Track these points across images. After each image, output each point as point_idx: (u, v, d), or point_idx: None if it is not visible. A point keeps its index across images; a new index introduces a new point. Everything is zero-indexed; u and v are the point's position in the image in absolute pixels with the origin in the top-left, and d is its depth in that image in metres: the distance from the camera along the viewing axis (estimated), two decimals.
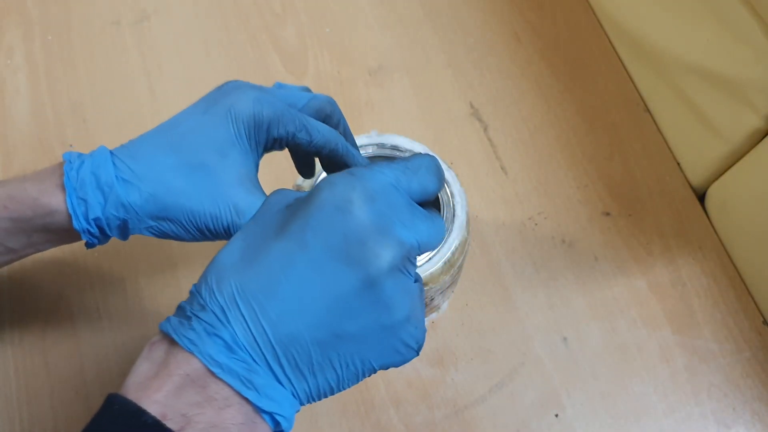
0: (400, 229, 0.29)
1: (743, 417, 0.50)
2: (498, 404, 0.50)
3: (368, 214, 0.28)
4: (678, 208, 0.58)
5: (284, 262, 0.28)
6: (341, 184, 0.29)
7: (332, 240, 0.28)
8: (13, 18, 0.67)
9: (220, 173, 0.37)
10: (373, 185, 0.29)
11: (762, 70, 0.49)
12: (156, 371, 0.29)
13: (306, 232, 0.28)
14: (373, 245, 0.28)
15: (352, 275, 0.28)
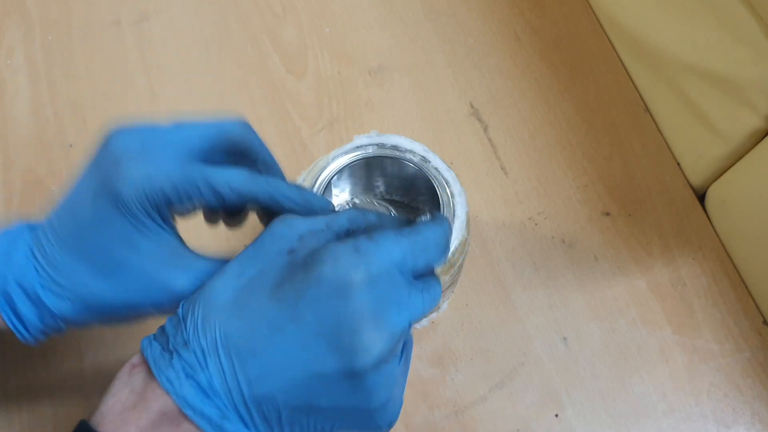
0: (396, 314, 0.28)
1: (743, 417, 0.50)
2: (498, 404, 0.50)
3: (366, 301, 0.27)
4: (678, 208, 0.58)
5: (273, 327, 0.28)
6: (345, 262, 0.28)
7: (325, 321, 0.27)
8: (14, 18, 0.67)
9: (141, 266, 0.33)
10: (377, 268, 0.28)
11: (762, 70, 0.49)
12: (134, 402, 0.29)
13: (300, 305, 0.28)
14: (365, 338, 0.27)
15: (336, 362, 0.27)
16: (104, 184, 0.33)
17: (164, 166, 0.33)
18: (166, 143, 0.34)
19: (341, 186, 0.53)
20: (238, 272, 0.30)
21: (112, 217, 0.33)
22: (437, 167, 0.47)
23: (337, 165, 0.47)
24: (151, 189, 0.32)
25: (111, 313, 0.34)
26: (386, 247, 0.29)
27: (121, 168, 0.33)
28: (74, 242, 0.33)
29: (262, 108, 0.62)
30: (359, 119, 0.62)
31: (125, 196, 0.32)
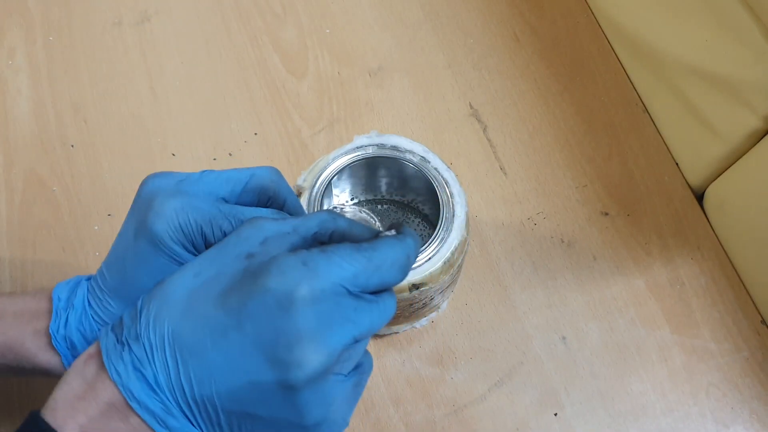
0: (338, 331, 0.28)
1: (741, 416, 0.50)
2: (497, 403, 0.51)
3: (306, 317, 0.27)
4: (676, 208, 0.58)
5: (217, 332, 0.28)
6: (290, 276, 0.27)
7: (264, 333, 0.27)
8: (15, 19, 0.67)
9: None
10: (322, 284, 0.28)
11: (761, 71, 0.49)
12: (84, 392, 0.29)
13: (243, 314, 0.28)
14: (300, 353, 0.27)
15: (271, 374, 0.27)
16: (140, 223, 0.34)
17: (197, 202, 0.34)
18: (199, 185, 0.35)
19: (341, 186, 0.53)
20: (196, 271, 0.30)
21: (151, 254, 0.33)
22: (437, 167, 0.47)
23: (337, 165, 0.47)
24: (185, 221, 0.33)
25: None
26: (337, 263, 0.28)
27: (155, 204, 0.34)
28: (120, 287, 0.35)
29: (263, 108, 0.63)
30: (359, 119, 0.62)
31: (160, 230, 0.33)
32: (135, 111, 0.63)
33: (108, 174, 0.59)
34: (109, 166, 0.60)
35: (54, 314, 0.36)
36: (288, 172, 0.60)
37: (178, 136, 0.61)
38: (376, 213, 0.56)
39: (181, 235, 0.33)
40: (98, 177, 0.59)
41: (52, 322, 0.36)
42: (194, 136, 0.61)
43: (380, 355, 0.52)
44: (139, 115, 0.62)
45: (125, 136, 0.61)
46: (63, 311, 0.36)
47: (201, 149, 0.61)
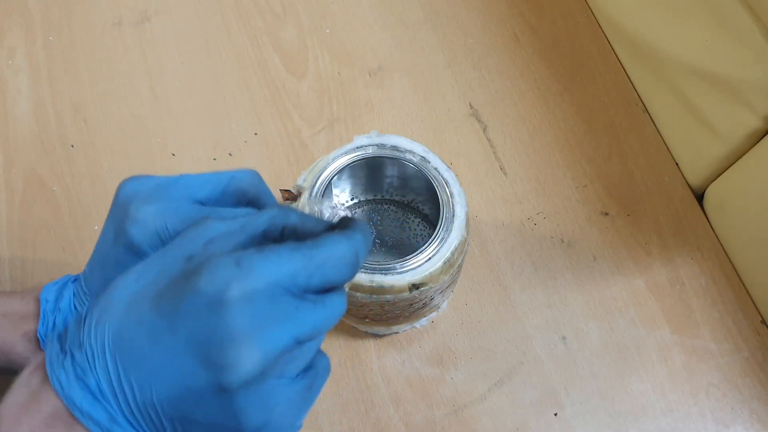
0: (275, 332, 0.27)
1: (741, 416, 0.50)
2: (497, 403, 0.51)
3: (237, 319, 0.26)
4: (676, 208, 0.58)
5: (152, 337, 0.27)
6: (221, 277, 0.26)
7: (196, 335, 0.26)
8: (15, 19, 0.67)
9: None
10: (255, 283, 0.26)
11: (761, 71, 0.49)
12: (28, 402, 0.29)
13: (175, 316, 0.27)
14: (232, 355, 0.26)
15: (205, 377, 0.26)
16: (118, 229, 0.34)
17: (173, 206, 0.33)
18: (176, 188, 0.34)
19: (341, 186, 0.53)
20: (138, 275, 0.29)
21: (129, 260, 0.33)
22: (437, 167, 0.47)
23: (337, 165, 0.47)
24: (162, 226, 0.33)
25: None
26: (274, 261, 0.27)
27: (131, 210, 0.33)
28: (101, 291, 0.34)
29: (263, 108, 0.63)
30: (359, 119, 0.62)
31: (136, 236, 0.33)
32: (135, 111, 0.63)
33: (108, 174, 0.59)
34: (109, 166, 0.60)
35: (42, 317, 0.36)
36: (288, 172, 0.60)
37: (178, 136, 0.61)
38: (377, 213, 0.56)
39: (157, 241, 0.33)
40: (98, 177, 0.59)
41: (40, 326, 0.35)
42: (194, 136, 0.61)
43: (380, 355, 0.52)
44: (139, 115, 0.62)
45: (125, 136, 0.61)
46: (50, 314, 0.36)
47: (201, 149, 0.61)
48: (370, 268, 0.44)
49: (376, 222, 0.56)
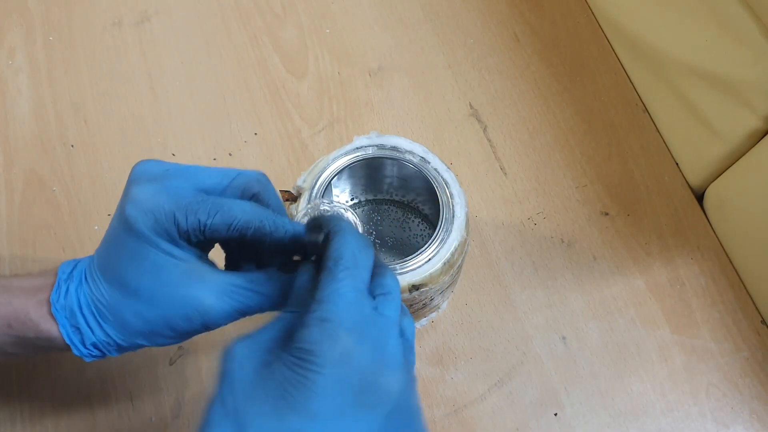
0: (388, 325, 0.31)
1: (741, 416, 0.51)
2: (497, 403, 0.51)
3: (366, 351, 0.30)
4: (676, 208, 0.58)
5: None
6: (329, 339, 0.29)
7: (345, 398, 0.29)
8: (15, 19, 0.67)
9: (160, 285, 0.34)
10: (355, 317, 0.30)
11: (761, 71, 0.49)
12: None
13: (312, 402, 0.29)
14: (382, 381, 0.30)
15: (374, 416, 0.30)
16: (119, 207, 0.35)
17: (174, 190, 0.34)
18: (185, 175, 0.35)
19: (341, 186, 0.53)
20: (223, 412, 0.30)
21: (127, 240, 0.34)
22: (437, 168, 0.47)
23: (337, 166, 0.47)
24: (158, 207, 0.34)
25: (150, 334, 0.35)
26: (336, 291, 0.31)
27: (132, 191, 0.34)
28: (108, 271, 0.36)
29: (263, 108, 0.63)
30: (359, 120, 0.62)
31: (132, 215, 0.34)
32: (135, 111, 0.63)
33: (108, 174, 0.60)
34: (109, 166, 0.60)
35: (56, 285, 0.37)
36: (288, 172, 0.60)
37: (178, 136, 0.61)
38: (377, 213, 0.56)
39: (153, 221, 0.34)
40: (98, 177, 0.59)
41: (53, 292, 0.36)
42: (194, 136, 0.61)
43: None
44: (139, 115, 0.62)
45: (125, 136, 0.61)
46: (64, 282, 0.37)
47: (201, 149, 0.61)
48: None
49: (376, 222, 0.56)
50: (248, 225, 0.34)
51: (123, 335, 0.36)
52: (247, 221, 0.34)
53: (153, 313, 0.35)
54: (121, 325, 0.35)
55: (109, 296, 0.35)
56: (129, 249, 0.34)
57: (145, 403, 0.50)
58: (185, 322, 0.35)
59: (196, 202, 0.34)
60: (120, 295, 0.35)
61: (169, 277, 0.34)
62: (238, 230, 0.34)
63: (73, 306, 0.36)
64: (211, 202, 0.34)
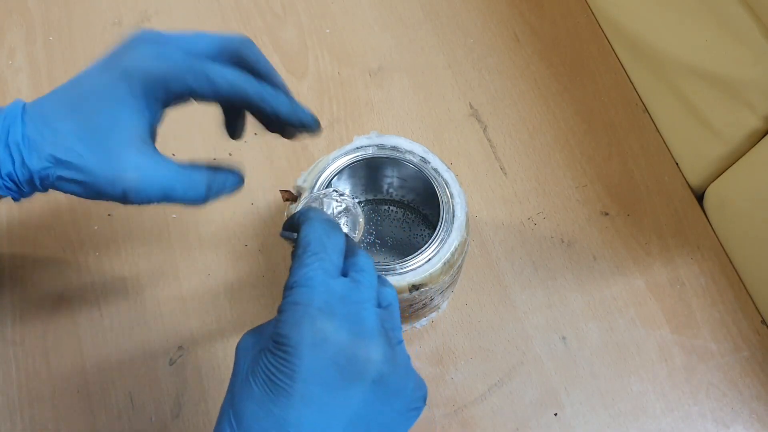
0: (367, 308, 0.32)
1: (741, 416, 0.51)
2: (497, 403, 0.51)
3: (340, 328, 0.31)
4: (676, 208, 0.58)
5: (295, 419, 0.30)
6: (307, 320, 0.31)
7: (328, 375, 0.30)
8: (15, 19, 0.67)
9: (113, 136, 0.36)
10: (324, 297, 0.31)
11: (761, 71, 0.49)
12: None
13: (297, 384, 0.30)
14: (362, 353, 0.31)
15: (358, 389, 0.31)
16: (115, 59, 0.37)
17: (172, 54, 0.37)
18: (178, 41, 0.38)
19: (341, 186, 0.53)
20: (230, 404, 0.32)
21: (114, 82, 0.36)
22: (437, 168, 0.47)
23: (337, 166, 0.47)
24: (156, 66, 0.36)
25: (71, 176, 0.36)
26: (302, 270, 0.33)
27: (134, 48, 0.37)
28: (70, 100, 0.37)
29: None
30: (359, 120, 0.62)
31: (133, 65, 0.36)
32: None
33: None
34: None
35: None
36: (288, 172, 0.60)
37: (178, 136, 0.61)
38: (377, 213, 0.56)
39: (146, 80, 0.36)
40: None
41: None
42: (194, 136, 0.61)
43: None
44: None
45: None
46: None
47: (201, 149, 0.61)
48: None
49: (376, 222, 0.56)
50: (233, 91, 0.37)
51: (40, 174, 0.36)
52: (231, 87, 0.37)
53: (84, 164, 0.36)
54: (45, 165, 0.36)
55: (51, 127, 0.36)
56: (109, 92, 0.36)
57: (145, 403, 0.50)
58: (106, 185, 0.36)
59: (188, 67, 0.36)
60: (66, 129, 0.36)
61: (122, 136, 0.36)
62: (224, 96, 0.37)
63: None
64: (201, 68, 0.36)
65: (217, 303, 0.54)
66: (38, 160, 0.36)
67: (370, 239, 0.55)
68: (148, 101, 0.37)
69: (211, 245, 0.56)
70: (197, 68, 0.36)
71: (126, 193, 0.36)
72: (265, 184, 0.59)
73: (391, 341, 0.32)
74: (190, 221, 0.57)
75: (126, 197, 0.36)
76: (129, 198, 0.36)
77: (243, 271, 0.55)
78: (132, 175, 0.36)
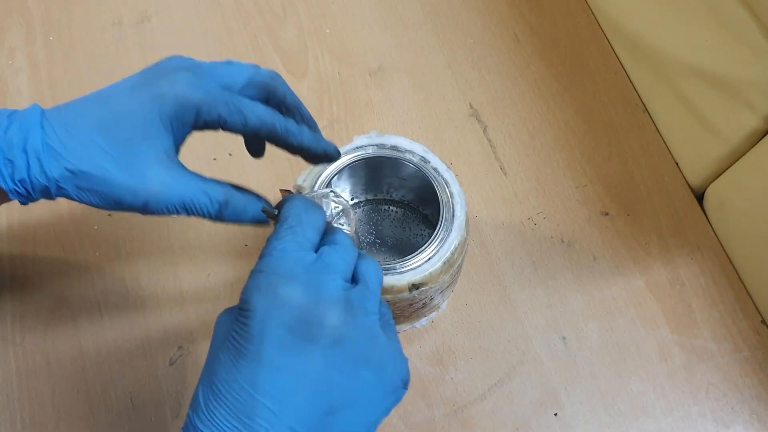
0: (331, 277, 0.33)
1: (741, 416, 0.51)
2: (497, 403, 0.51)
3: (298, 293, 0.32)
4: (676, 208, 0.58)
5: (252, 382, 0.31)
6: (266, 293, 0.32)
7: (282, 337, 0.31)
8: (15, 19, 0.67)
9: (141, 152, 0.37)
10: (289, 265, 0.33)
11: (760, 71, 0.49)
12: None
13: (254, 345, 0.31)
14: (316, 317, 0.32)
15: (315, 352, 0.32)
16: (149, 81, 0.38)
17: (205, 84, 0.38)
18: (213, 71, 0.39)
19: (341, 186, 0.53)
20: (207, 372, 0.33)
21: (146, 103, 0.37)
22: (437, 168, 0.47)
23: (337, 165, 0.47)
24: (189, 95, 0.37)
25: (92, 187, 0.37)
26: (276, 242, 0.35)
27: (170, 73, 0.38)
28: (98, 114, 0.38)
29: None
30: (359, 120, 0.62)
31: (167, 90, 0.37)
32: None
33: None
34: None
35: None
36: (288, 172, 0.60)
37: None
38: (377, 213, 0.56)
39: (178, 105, 0.37)
40: None
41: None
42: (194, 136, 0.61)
43: None
44: None
45: None
46: (6, 117, 0.37)
47: (201, 149, 0.61)
48: None
49: (376, 222, 0.56)
50: (261, 127, 0.38)
51: (58, 184, 0.37)
52: (261, 123, 0.38)
53: (107, 176, 0.37)
54: (67, 175, 0.37)
55: (75, 136, 0.37)
56: (138, 113, 0.37)
57: (145, 403, 0.50)
58: (128, 195, 0.37)
59: (221, 99, 0.38)
60: (90, 139, 0.37)
61: (148, 152, 0.37)
62: (252, 129, 0.38)
63: (14, 139, 0.36)
64: (233, 101, 0.38)
65: (217, 303, 0.54)
66: (58, 168, 0.36)
67: (370, 239, 0.55)
68: (178, 123, 0.38)
69: (211, 245, 0.56)
70: (231, 102, 0.38)
71: (147, 203, 0.37)
72: (265, 184, 0.59)
73: (355, 310, 0.33)
74: (190, 221, 0.57)
75: (147, 207, 0.37)
76: (149, 208, 0.37)
77: (243, 271, 0.55)
78: (155, 187, 0.37)
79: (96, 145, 0.37)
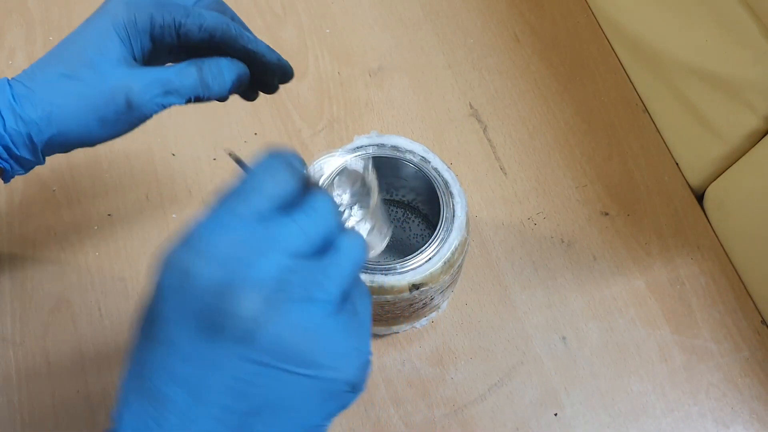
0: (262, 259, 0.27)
1: (741, 416, 0.51)
2: (497, 403, 0.51)
3: (214, 273, 0.26)
4: (676, 208, 0.58)
5: (163, 367, 0.27)
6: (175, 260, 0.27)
7: (188, 322, 0.27)
8: (15, 19, 0.67)
9: (101, 64, 0.38)
10: (216, 238, 0.27)
11: (761, 71, 0.49)
12: None
13: (162, 328, 0.27)
14: (224, 304, 0.26)
15: (230, 348, 0.26)
16: (104, 5, 0.39)
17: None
18: None
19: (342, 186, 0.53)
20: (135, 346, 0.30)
21: (97, 23, 0.38)
22: (437, 168, 0.47)
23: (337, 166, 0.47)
24: (141, 3, 0.38)
25: (70, 113, 0.37)
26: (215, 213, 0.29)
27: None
28: (56, 53, 0.39)
29: (263, 108, 0.63)
30: (359, 120, 0.62)
31: (119, 6, 0.38)
32: None
33: (108, 174, 0.59)
34: (109, 166, 0.60)
35: None
36: None
37: (178, 136, 0.61)
38: None
39: (130, 13, 0.38)
40: (98, 177, 0.59)
41: None
42: (194, 136, 0.61)
43: (380, 355, 0.52)
44: None
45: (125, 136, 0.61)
46: None
47: (201, 149, 0.61)
48: (370, 268, 0.44)
49: None
50: (216, 27, 0.39)
51: (38, 123, 0.37)
52: (216, 23, 0.39)
53: (79, 95, 0.37)
54: (43, 112, 0.37)
55: (42, 79, 0.38)
56: (95, 31, 0.38)
57: None
58: (106, 103, 0.37)
59: (173, 5, 0.39)
60: (57, 74, 0.38)
61: (110, 61, 0.38)
62: (208, 31, 0.39)
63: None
64: (185, 7, 0.39)
65: None
66: (33, 111, 0.37)
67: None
68: (134, 31, 0.38)
69: None
70: (184, 7, 0.39)
71: (130, 100, 0.37)
72: None
73: (288, 296, 0.27)
74: (190, 221, 0.57)
75: (131, 105, 0.38)
76: (134, 104, 0.38)
77: None
78: (127, 83, 0.37)
79: (60, 75, 0.38)
